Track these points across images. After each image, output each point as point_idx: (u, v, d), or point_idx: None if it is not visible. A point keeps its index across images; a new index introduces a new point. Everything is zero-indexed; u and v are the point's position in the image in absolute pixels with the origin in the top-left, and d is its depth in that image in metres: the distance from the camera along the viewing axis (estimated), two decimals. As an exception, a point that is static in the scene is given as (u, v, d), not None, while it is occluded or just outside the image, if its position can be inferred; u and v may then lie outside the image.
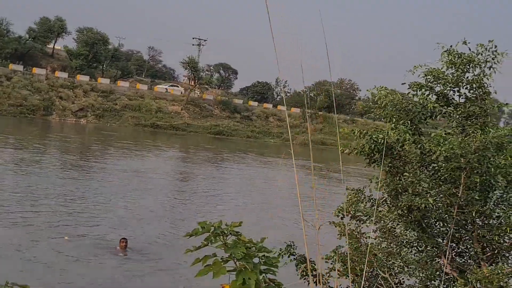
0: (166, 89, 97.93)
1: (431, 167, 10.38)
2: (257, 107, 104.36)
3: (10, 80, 78.01)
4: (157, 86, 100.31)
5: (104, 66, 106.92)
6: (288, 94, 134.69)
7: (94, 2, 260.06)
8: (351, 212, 11.08)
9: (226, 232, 3.84)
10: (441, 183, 10.46)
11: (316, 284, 11.40)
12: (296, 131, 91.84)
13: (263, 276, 3.63)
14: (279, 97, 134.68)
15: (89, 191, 30.70)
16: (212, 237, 3.78)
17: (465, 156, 9.57)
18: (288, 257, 11.65)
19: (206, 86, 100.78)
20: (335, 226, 11.58)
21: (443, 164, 9.83)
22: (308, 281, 11.38)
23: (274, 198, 38.30)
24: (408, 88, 11.06)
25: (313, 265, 11.23)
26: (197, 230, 3.83)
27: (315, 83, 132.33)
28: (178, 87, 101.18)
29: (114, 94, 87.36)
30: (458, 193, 9.93)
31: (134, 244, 21.12)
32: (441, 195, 10.08)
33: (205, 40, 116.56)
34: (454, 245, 11.26)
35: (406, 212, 10.42)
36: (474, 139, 9.47)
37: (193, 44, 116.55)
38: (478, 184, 10.00)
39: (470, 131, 9.84)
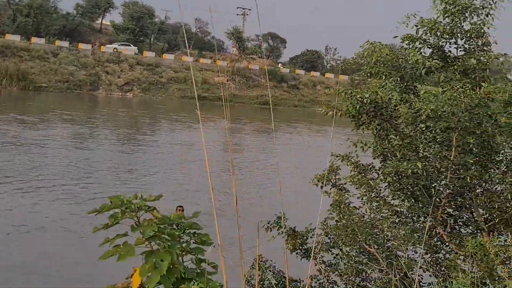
0: (116, 49, 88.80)
1: (418, 127, 9.30)
2: (304, 75, 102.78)
3: (56, 56, 78.68)
4: (106, 46, 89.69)
5: (151, 39, 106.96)
6: (338, 62, 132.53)
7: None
8: (331, 180, 10.14)
9: (135, 207, 3.22)
10: (437, 145, 9.43)
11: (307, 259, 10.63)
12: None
13: (196, 257, 3.21)
14: (329, 65, 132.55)
15: (140, 164, 30.65)
16: (120, 214, 3.17)
17: (457, 114, 8.50)
18: (278, 230, 10.79)
19: (253, 56, 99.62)
20: (327, 196, 10.65)
21: (431, 125, 8.77)
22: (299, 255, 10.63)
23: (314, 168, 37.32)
24: (401, 42, 9.98)
25: (302, 238, 10.44)
26: (106, 205, 3.26)
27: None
28: (130, 46, 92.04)
29: (160, 67, 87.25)
30: (451, 156, 8.88)
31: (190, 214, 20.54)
32: (431, 159, 9.04)
33: (249, 10, 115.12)
34: (457, 213, 10.23)
35: (396, 179, 9.45)
36: (463, 95, 8.37)
37: (237, 14, 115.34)
38: (472, 146, 8.93)
39: (459, 87, 8.70)
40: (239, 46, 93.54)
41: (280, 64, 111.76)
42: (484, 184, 9.46)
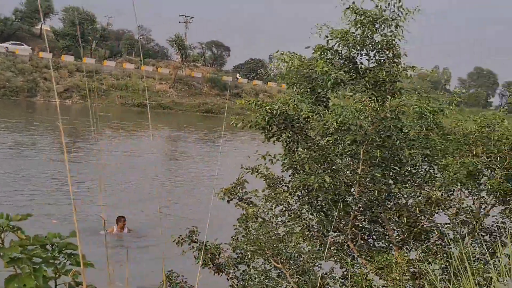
0: (7, 48, 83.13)
1: (325, 140, 9.11)
2: (247, 84, 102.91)
3: (-8, 61, 76.71)
4: None
5: (93, 46, 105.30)
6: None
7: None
8: (238, 194, 9.87)
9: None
10: (348, 158, 9.27)
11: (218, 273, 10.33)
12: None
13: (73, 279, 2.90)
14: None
15: (82, 173, 29.81)
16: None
17: (364, 127, 8.34)
18: (189, 244, 10.46)
19: (195, 63, 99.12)
20: (242, 209, 10.37)
21: (339, 137, 8.59)
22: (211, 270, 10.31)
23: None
24: (313, 52, 9.75)
25: (215, 252, 10.12)
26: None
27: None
28: (23, 45, 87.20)
29: (100, 74, 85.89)
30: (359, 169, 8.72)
31: (129, 225, 20.21)
32: (340, 173, 8.84)
33: (191, 17, 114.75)
34: (369, 227, 10.09)
35: (305, 192, 9.24)
36: (368, 108, 8.21)
37: (180, 22, 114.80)
38: (381, 159, 8.79)
39: (363, 99, 8.54)
40: (182, 53, 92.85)
41: (238, 75, 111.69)
42: (394, 198, 9.32)
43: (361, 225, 10.11)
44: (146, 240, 19.31)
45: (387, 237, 9.57)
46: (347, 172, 8.91)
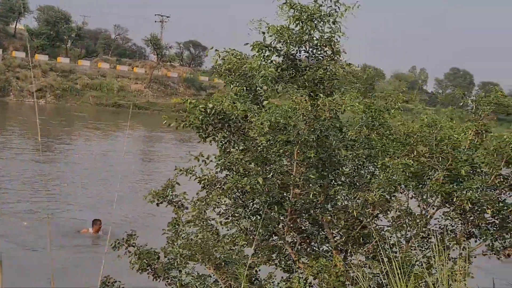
0: None
1: (257, 141, 8.71)
2: (223, 84, 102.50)
3: (-37, 61, 75.47)
4: None
5: (68, 45, 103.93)
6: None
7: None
8: (168, 196, 9.48)
9: None
10: (287, 159, 8.93)
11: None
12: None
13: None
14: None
15: (56, 174, 29.34)
16: None
17: (297, 127, 8.01)
18: (126, 248, 10.05)
19: (171, 63, 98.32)
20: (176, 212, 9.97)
21: (271, 138, 8.22)
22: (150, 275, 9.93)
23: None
24: (252, 50, 9.37)
25: (149, 258, 9.74)
26: None
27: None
28: None
29: (75, 74, 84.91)
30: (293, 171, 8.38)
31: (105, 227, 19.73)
32: (274, 174, 8.49)
33: (168, 17, 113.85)
34: (309, 231, 9.76)
35: (240, 194, 8.88)
36: (299, 107, 7.87)
37: (155, 21, 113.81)
38: (316, 160, 8.45)
39: (294, 98, 8.19)
40: (157, 53, 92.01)
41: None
42: (331, 200, 8.98)
43: (303, 228, 9.79)
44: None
45: (325, 240, 9.25)
46: (282, 174, 8.56)
